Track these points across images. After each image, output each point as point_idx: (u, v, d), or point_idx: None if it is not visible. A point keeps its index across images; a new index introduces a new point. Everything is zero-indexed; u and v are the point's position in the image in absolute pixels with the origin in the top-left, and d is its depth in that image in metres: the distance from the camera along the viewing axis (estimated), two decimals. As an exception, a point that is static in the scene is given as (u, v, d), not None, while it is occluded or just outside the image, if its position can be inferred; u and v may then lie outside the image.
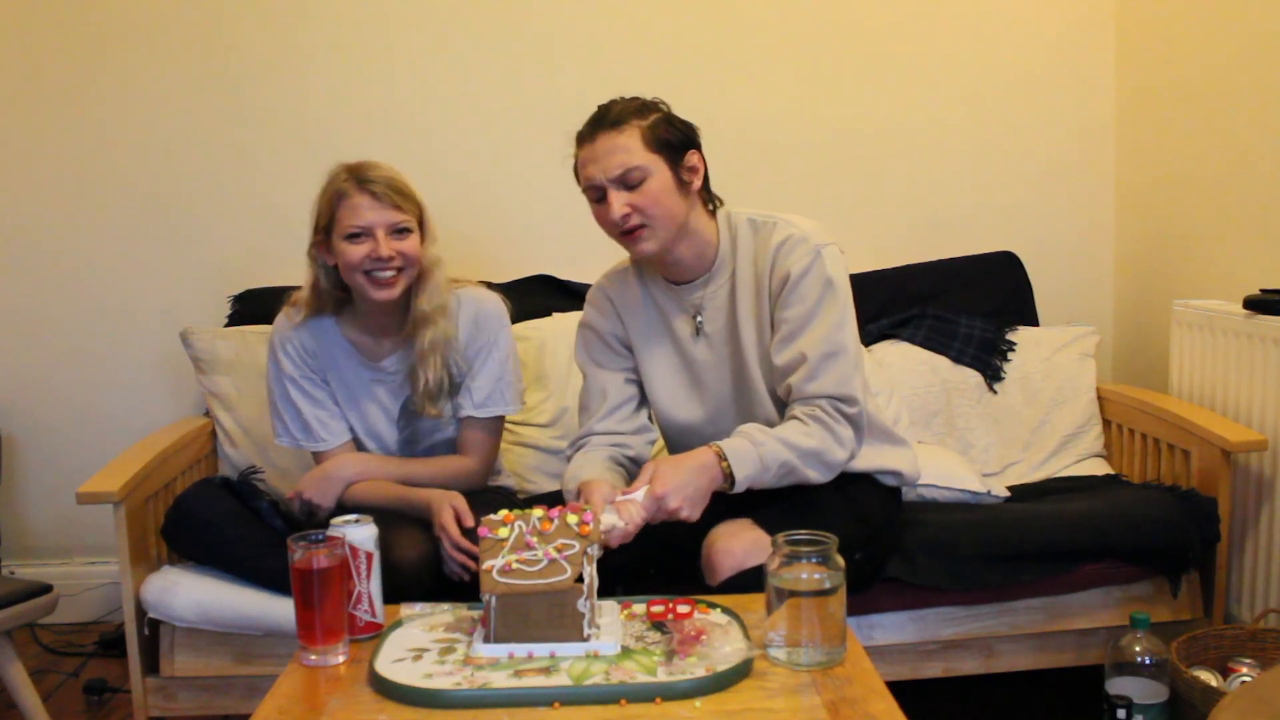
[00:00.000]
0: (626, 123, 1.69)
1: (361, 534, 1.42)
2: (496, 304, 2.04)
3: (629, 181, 1.69)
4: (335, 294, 1.98)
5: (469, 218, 2.77)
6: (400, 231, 1.88)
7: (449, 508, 1.82)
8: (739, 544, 1.66)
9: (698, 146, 1.76)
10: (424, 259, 1.92)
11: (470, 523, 1.80)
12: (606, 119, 1.71)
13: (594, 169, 1.70)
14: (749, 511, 1.72)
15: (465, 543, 1.79)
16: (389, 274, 1.88)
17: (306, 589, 1.36)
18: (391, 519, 1.78)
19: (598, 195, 1.72)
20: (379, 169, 1.89)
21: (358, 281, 1.89)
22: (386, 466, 1.98)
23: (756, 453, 1.64)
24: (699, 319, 1.83)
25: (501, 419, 2.07)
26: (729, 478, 1.64)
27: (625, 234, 1.73)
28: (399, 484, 1.94)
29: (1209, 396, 2.32)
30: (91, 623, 2.77)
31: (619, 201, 1.69)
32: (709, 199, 1.82)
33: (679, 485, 1.60)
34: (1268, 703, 1.23)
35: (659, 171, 1.70)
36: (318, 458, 2.03)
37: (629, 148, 1.68)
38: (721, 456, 1.64)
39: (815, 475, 1.70)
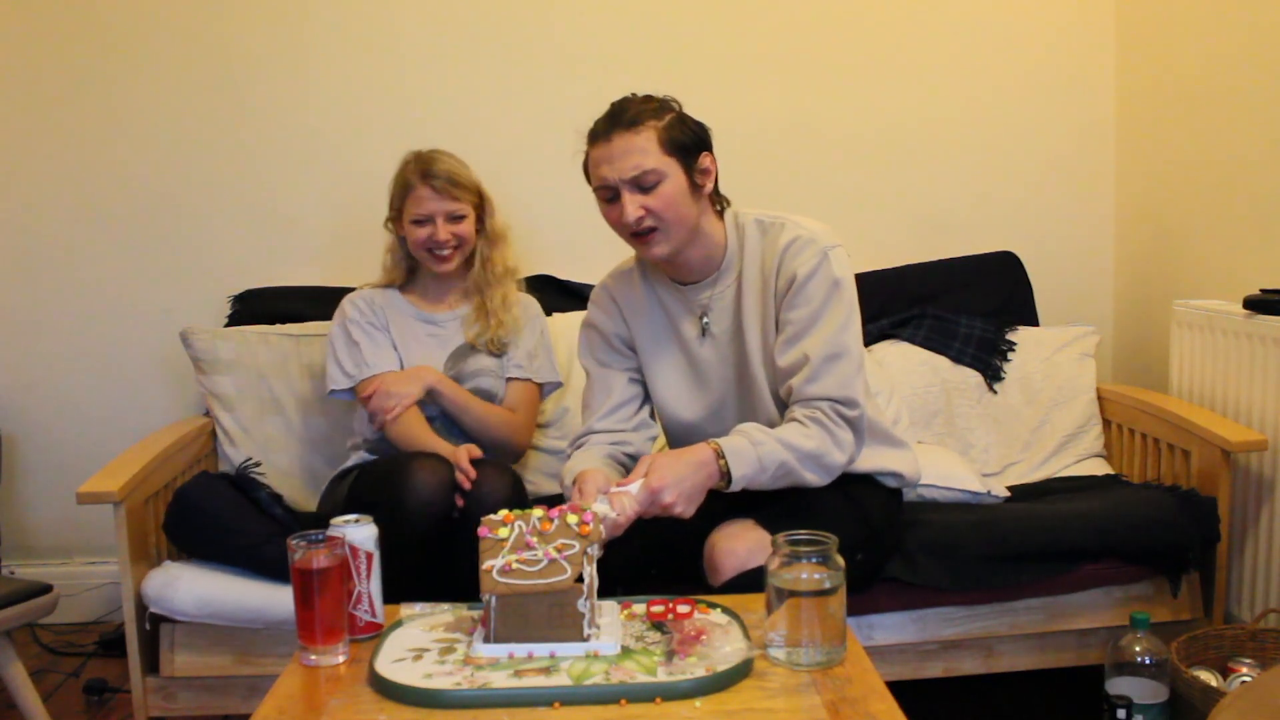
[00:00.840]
0: (643, 123, 1.67)
1: (361, 534, 1.42)
2: (533, 299, 2.39)
3: (643, 184, 1.67)
4: (408, 260, 2.31)
5: (469, 218, 2.77)
6: (456, 218, 2.20)
7: (463, 448, 2.03)
8: (742, 544, 1.66)
9: (710, 148, 1.75)
10: (490, 230, 2.28)
11: (480, 453, 2.03)
12: (623, 118, 1.68)
13: (608, 169, 1.68)
14: (751, 512, 1.72)
15: (468, 466, 1.96)
16: (446, 252, 2.21)
17: (306, 589, 1.36)
18: (417, 452, 2.02)
19: (610, 195, 1.71)
20: (441, 162, 2.20)
21: (421, 255, 2.24)
22: (456, 390, 2.18)
23: (755, 452, 1.64)
24: (705, 320, 1.83)
25: (539, 391, 2.31)
26: (726, 476, 1.64)
27: (637, 236, 1.72)
28: (433, 434, 2.14)
29: (1209, 396, 2.32)
30: (91, 623, 2.77)
31: (633, 204, 1.68)
32: (717, 199, 1.81)
33: (675, 480, 1.59)
34: (1268, 703, 1.23)
35: (674, 175, 1.68)
36: (363, 392, 2.17)
37: (645, 149, 1.66)
38: (719, 454, 1.64)
39: (813, 478, 1.69)
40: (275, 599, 1.91)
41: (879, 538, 1.85)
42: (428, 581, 1.92)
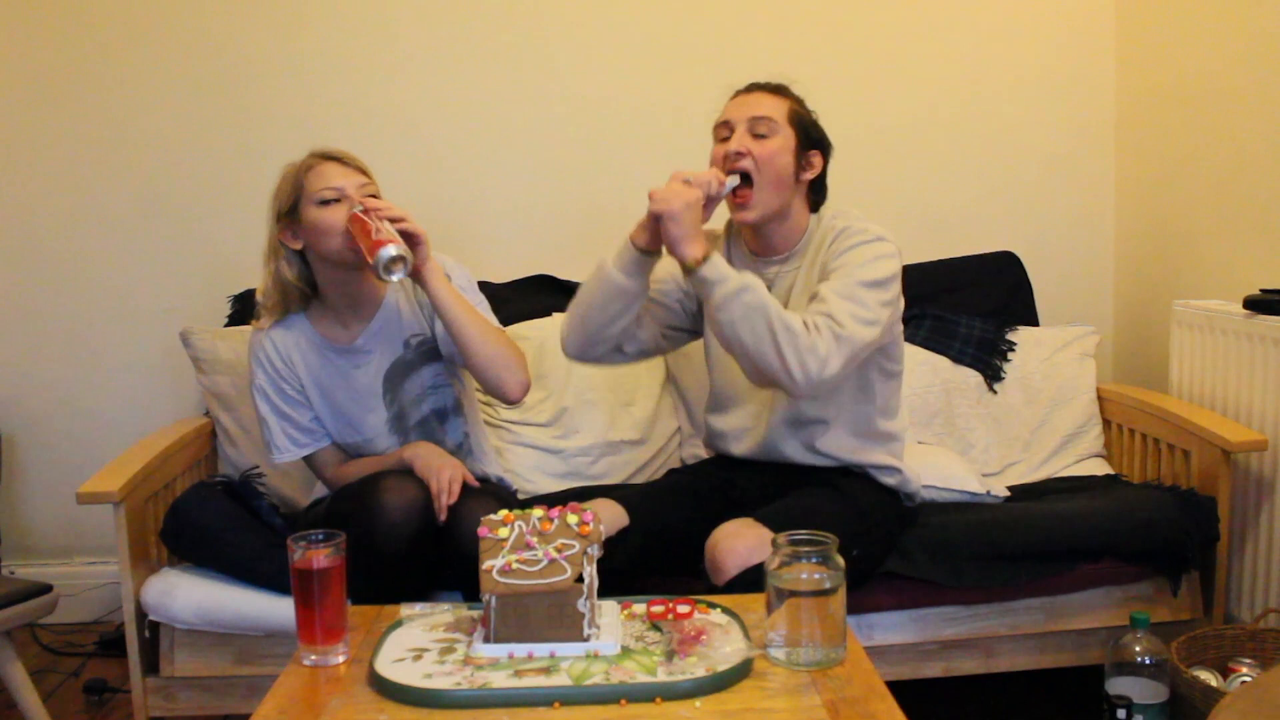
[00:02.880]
0: (783, 94, 1.87)
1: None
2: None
3: (757, 130, 1.82)
4: (300, 288, 1.95)
5: (469, 217, 2.77)
6: (370, 196, 1.89)
7: (456, 478, 1.85)
8: (743, 543, 1.67)
9: (824, 152, 1.89)
10: None
11: (476, 482, 1.90)
12: (768, 83, 1.88)
13: (733, 111, 1.85)
14: (750, 511, 1.73)
15: (444, 500, 1.82)
16: None
17: (306, 589, 1.37)
18: (386, 471, 1.88)
19: (725, 135, 1.85)
20: (335, 147, 1.95)
21: (336, 247, 1.86)
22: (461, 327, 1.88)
23: (742, 279, 1.67)
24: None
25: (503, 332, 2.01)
26: (704, 260, 1.67)
27: (735, 195, 1.81)
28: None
29: (1209, 396, 2.32)
30: (91, 623, 2.77)
31: (741, 139, 1.81)
32: (816, 196, 1.91)
33: (669, 197, 1.69)
34: (1268, 703, 1.23)
35: (786, 139, 1.83)
36: (310, 462, 2.05)
37: (775, 107, 1.84)
38: (708, 258, 1.68)
39: (782, 344, 1.64)
40: (274, 609, 1.89)
41: (875, 532, 1.86)
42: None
